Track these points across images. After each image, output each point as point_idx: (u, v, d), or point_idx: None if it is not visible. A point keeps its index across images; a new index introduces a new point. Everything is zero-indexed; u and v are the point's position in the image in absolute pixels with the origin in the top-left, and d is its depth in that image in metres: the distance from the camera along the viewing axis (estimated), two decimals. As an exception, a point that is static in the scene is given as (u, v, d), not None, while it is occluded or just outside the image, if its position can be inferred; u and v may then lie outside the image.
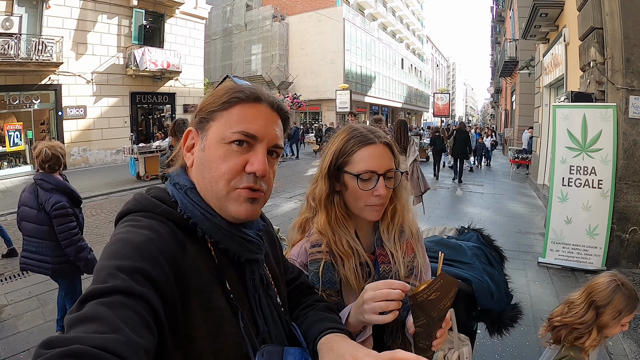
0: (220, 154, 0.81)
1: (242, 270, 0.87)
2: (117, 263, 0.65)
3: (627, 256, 5.20)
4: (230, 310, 0.79)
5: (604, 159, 5.17)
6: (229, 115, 0.82)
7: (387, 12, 45.63)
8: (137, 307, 0.60)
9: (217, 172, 0.81)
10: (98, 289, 0.60)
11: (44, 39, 13.66)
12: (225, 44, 36.36)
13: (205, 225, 0.80)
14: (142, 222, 0.75)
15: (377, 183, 1.18)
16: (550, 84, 11.03)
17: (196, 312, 0.73)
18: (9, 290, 4.69)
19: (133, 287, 0.62)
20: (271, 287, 0.95)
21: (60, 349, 0.51)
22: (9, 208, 8.96)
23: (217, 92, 0.86)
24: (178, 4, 18.23)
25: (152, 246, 0.70)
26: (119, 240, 0.70)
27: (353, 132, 1.27)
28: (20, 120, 14.27)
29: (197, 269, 0.76)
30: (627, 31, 5.14)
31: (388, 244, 1.26)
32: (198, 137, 0.85)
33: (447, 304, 0.98)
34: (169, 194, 0.84)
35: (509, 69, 20.99)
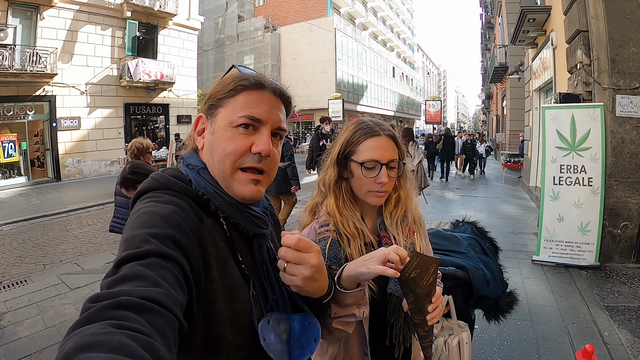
0: (228, 136, 0.88)
1: (251, 244, 0.93)
2: (148, 231, 0.69)
3: (620, 251, 5.30)
4: (242, 279, 0.86)
5: (593, 157, 5.28)
6: (236, 101, 0.89)
7: (378, 21, 46.03)
8: (171, 268, 0.65)
9: (224, 152, 0.88)
10: (133, 253, 0.65)
11: (38, 50, 13.67)
12: (218, 55, 36.48)
13: (218, 201, 0.87)
14: (163, 197, 0.81)
15: (379, 171, 1.28)
16: (539, 87, 11.20)
17: (216, 278, 0.78)
18: (9, 297, 4.69)
19: (166, 250, 0.67)
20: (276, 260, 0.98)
21: (108, 301, 0.54)
22: (4, 219, 8.95)
23: (224, 80, 0.93)
24: (171, 16, 18.32)
25: (177, 217, 0.75)
26: (145, 212, 0.75)
27: (360, 124, 1.37)
28: (14, 132, 14.20)
29: (214, 239, 0.83)
30: (611, 33, 5.29)
31: (391, 229, 1.35)
32: (207, 122, 0.93)
33: (429, 280, 1.05)
34: (183, 174, 0.89)
35: (499, 74, 21.22)
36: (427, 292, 1.08)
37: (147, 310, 0.55)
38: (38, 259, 6.29)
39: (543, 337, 3.57)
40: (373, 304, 1.28)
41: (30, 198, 11.73)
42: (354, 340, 1.31)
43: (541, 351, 3.36)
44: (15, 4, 13.51)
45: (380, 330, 1.33)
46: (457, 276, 2.17)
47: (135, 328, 0.52)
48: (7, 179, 14.07)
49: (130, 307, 0.54)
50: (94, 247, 6.78)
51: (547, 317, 3.97)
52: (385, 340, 1.33)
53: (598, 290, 4.51)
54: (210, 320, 0.77)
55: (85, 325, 0.51)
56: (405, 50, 56.49)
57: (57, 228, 8.34)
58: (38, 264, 6.00)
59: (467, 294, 2.24)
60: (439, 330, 2.14)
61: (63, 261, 6.12)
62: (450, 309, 2.11)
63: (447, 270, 2.16)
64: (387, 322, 1.32)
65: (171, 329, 0.58)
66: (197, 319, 0.74)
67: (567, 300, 4.34)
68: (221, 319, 0.78)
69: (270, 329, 0.86)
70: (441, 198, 11.35)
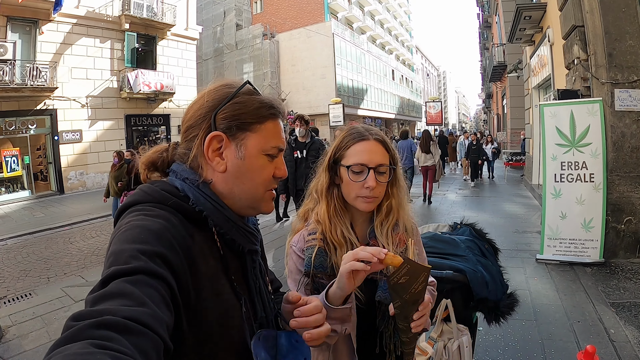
0: (260, 164, 0.91)
1: (243, 261, 0.93)
2: (137, 247, 0.68)
3: (624, 247, 5.25)
4: (234, 297, 0.86)
5: (594, 153, 5.25)
6: (266, 129, 0.91)
7: (376, 24, 46.08)
8: (158, 287, 0.64)
9: (259, 180, 0.91)
10: (121, 270, 0.63)
11: (38, 65, 13.75)
12: (217, 64, 36.59)
13: (217, 217, 0.86)
14: (155, 211, 0.79)
15: (367, 175, 1.27)
16: (538, 84, 11.18)
17: (206, 296, 0.78)
18: (13, 311, 4.70)
19: (155, 268, 0.66)
20: (266, 276, 1.04)
21: (91, 320, 0.53)
22: (8, 233, 8.98)
23: (248, 103, 0.91)
24: (169, 26, 18.41)
25: (169, 233, 0.74)
26: (136, 226, 0.74)
27: (350, 129, 1.38)
28: (16, 146, 14.30)
29: (204, 256, 0.81)
30: (607, 27, 5.27)
31: (380, 238, 1.33)
32: (230, 143, 0.89)
33: (418, 288, 1.05)
34: (178, 188, 0.87)
35: (498, 73, 21.22)
36: (414, 300, 1.09)
37: (130, 331, 0.54)
38: (42, 272, 6.30)
39: (548, 337, 3.53)
40: (361, 312, 1.27)
41: (34, 212, 11.78)
42: (342, 350, 1.30)
43: (546, 351, 3.32)
44: (14, 19, 13.62)
45: (370, 339, 1.32)
46: (455, 279, 2.14)
47: (117, 349, 0.50)
48: (10, 193, 14.14)
49: (113, 327, 0.53)
50: (97, 260, 6.78)
51: (552, 316, 3.92)
52: (375, 348, 1.32)
53: (603, 287, 4.46)
54: (201, 340, 0.76)
55: (66, 345, 0.50)
56: (404, 53, 56.52)
57: (60, 241, 8.36)
58: (42, 277, 6.01)
59: (466, 297, 2.22)
60: (439, 334, 2.12)
61: (67, 274, 6.13)
62: (449, 312, 2.09)
63: (445, 274, 2.13)
64: (376, 330, 1.31)
65: (155, 351, 0.57)
66: (188, 338, 0.73)
67: (572, 298, 4.30)
68: (213, 337, 0.78)
69: (261, 346, 0.87)
70: (444, 199, 11.31)
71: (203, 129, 0.89)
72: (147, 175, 0.96)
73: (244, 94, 0.92)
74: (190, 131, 0.92)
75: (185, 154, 0.92)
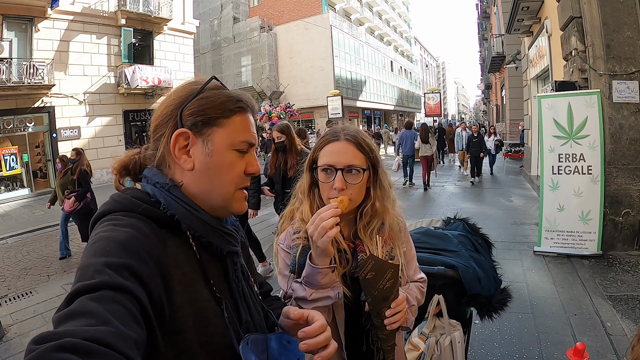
0: (229, 160, 0.88)
1: (224, 264, 0.91)
2: (102, 260, 0.66)
3: (622, 239, 5.25)
4: (214, 302, 0.83)
5: (592, 145, 5.23)
6: (234, 123, 0.88)
7: (374, 16, 45.84)
8: (125, 302, 0.61)
9: (228, 177, 0.88)
10: (85, 286, 0.61)
11: (34, 62, 13.70)
12: (215, 58, 36.47)
13: (190, 220, 0.83)
14: (124, 220, 0.77)
15: (334, 176, 1.27)
16: (537, 75, 11.14)
17: (181, 304, 0.75)
18: (15, 310, 4.73)
19: (120, 282, 0.63)
20: (250, 278, 1.00)
21: (52, 343, 0.51)
22: (9, 231, 9.01)
23: (214, 97, 0.88)
24: (165, 21, 18.31)
25: (136, 242, 0.71)
26: (102, 238, 0.71)
27: (329, 131, 1.39)
28: (15, 144, 14.29)
29: (178, 263, 0.79)
30: (605, 18, 5.22)
31: (365, 240, 1.33)
32: (197, 140, 0.87)
33: (387, 285, 1.09)
34: (149, 193, 0.84)
35: (497, 64, 21.15)
36: (384, 296, 1.12)
37: (91, 353, 0.52)
38: (42, 270, 6.34)
39: (544, 330, 3.55)
40: (349, 310, 1.29)
41: (34, 209, 11.79)
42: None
43: (542, 344, 3.33)
44: (10, 17, 13.54)
45: (357, 337, 1.33)
46: (447, 275, 2.14)
47: None
48: (10, 191, 14.15)
49: (73, 350, 0.51)
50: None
51: (549, 309, 3.93)
52: (363, 345, 1.32)
53: (601, 279, 4.47)
54: (181, 350, 0.74)
55: None
56: (402, 44, 56.27)
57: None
58: (42, 275, 6.04)
59: (459, 292, 2.22)
60: (431, 330, 2.13)
61: (67, 271, 6.16)
62: (441, 308, 2.09)
63: (436, 270, 2.13)
64: (363, 328, 1.32)
65: None
66: (167, 351, 0.71)
67: (569, 291, 4.30)
68: (192, 346, 0.76)
69: (250, 350, 0.84)
70: (442, 190, 11.31)
71: (170, 127, 0.87)
72: (119, 180, 0.92)
73: (210, 89, 0.89)
74: (157, 130, 0.89)
75: (154, 155, 0.90)
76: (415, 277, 1.49)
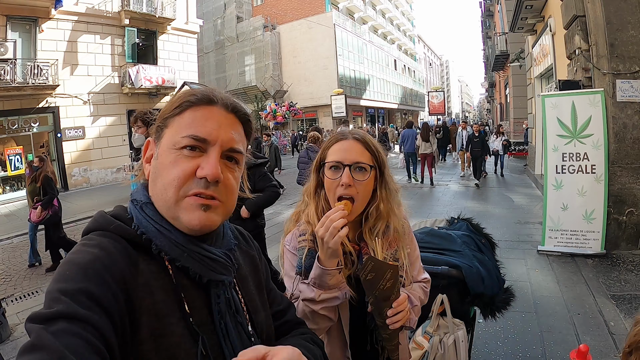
0: (170, 159, 0.77)
1: (207, 292, 0.80)
2: (60, 286, 0.62)
3: (626, 238, 5.24)
4: (189, 337, 0.72)
5: (596, 144, 5.22)
6: (181, 120, 0.79)
7: (377, 14, 45.78)
8: (82, 333, 0.57)
9: (167, 179, 0.76)
10: (42, 315, 0.59)
11: (39, 63, 13.76)
12: (219, 57, 36.55)
13: (161, 241, 0.75)
14: (94, 240, 0.72)
15: (342, 172, 1.28)
16: (540, 74, 11.11)
17: (146, 337, 0.67)
18: (21, 309, 4.78)
19: (77, 310, 0.59)
20: (241, 313, 0.86)
21: None
22: (14, 231, 9.06)
23: (172, 99, 0.83)
24: (169, 21, 18.34)
25: (98, 264, 0.66)
26: (66, 262, 0.67)
27: (337, 132, 1.41)
28: (20, 144, 14.35)
29: (149, 289, 0.71)
30: (609, 17, 5.21)
31: (370, 243, 1.35)
32: (155, 146, 0.82)
33: (386, 285, 1.11)
34: (128, 211, 0.80)
35: (501, 62, 21.09)
36: (385, 296, 1.14)
37: None
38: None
39: (548, 329, 3.55)
40: (354, 310, 1.31)
41: (39, 209, 11.84)
42: (335, 344, 1.33)
43: (546, 343, 3.34)
44: (14, 17, 13.60)
45: (361, 337, 1.35)
46: (450, 275, 2.16)
47: None
48: (15, 191, 14.22)
49: None
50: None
51: (553, 308, 3.94)
52: (367, 345, 1.34)
53: (604, 279, 4.47)
54: None
55: None
56: (406, 43, 56.15)
57: (65, 238, 8.40)
58: (49, 275, 6.06)
59: (462, 292, 2.23)
60: (435, 329, 2.14)
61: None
62: (445, 307, 2.10)
63: (440, 270, 2.15)
64: (367, 328, 1.33)
65: None
66: None
67: (572, 290, 4.31)
68: None
69: None
70: (447, 189, 11.30)
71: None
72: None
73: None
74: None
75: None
76: (419, 277, 1.51)
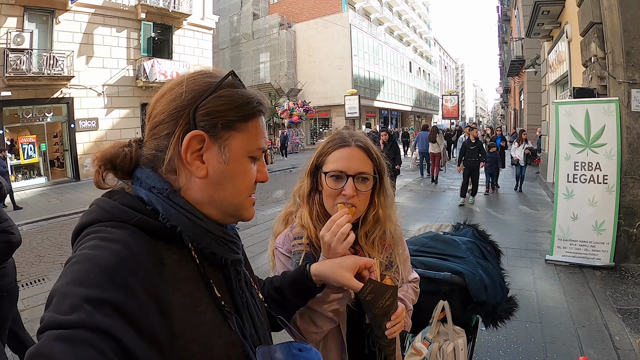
0: (244, 168, 0.80)
1: (226, 274, 0.83)
2: (82, 291, 0.57)
3: (636, 251, 5.14)
4: (222, 318, 0.75)
5: (609, 154, 5.13)
6: (250, 128, 0.80)
7: (393, 16, 45.61)
8: (100, 345, 0.53)
9: (242, 186, 0.81)
10: (58, 321, 0.54)
11: (54, 54, 13.99)
12: (234, 53, 36.68)
13: (193, 231, 0.74)
14: (113, 234, 0.66)
15: (345, 183, 1.24)
16: (555, 81, 10.97)
17: (181, 331, 0.67)
18: (27, 295, 4.82)
19: (98, 322, 0.54)
20: (253, 286, 0.95)
21: None
22: (24, 219, 9.18)
23: (234, 97, 0.78)
24: (185, 16, 18.48)
25: (124, 269, 0.61)
26: (86, 259, 0.61)
27: (334, 135, 1.34)
28: (33, 133, 14.61)
29: (177, 283, 0.70)
30: (626, 25, 5.12)
31: (366, 247, 1.32)
32: (213, 145, 0.76)
33: (386, 304, 1.11)
34: (144, 200, 0.74)
35: (516, 68, 20.85)
36: (384, 313, 1.13)
37: None
38: (56, 257, 6.46)
39: (551, 341, 3.49)
40: (353, 313, 1.29)
41: (50, 198, 12.02)
42: (332, 347, 1.31)
43: (548, 355, 3.28)
44: (31, 9, 13.83)
45: (359, 339, 1.33)
46: (453, 281, 2.12)
47: None
48: (27, 179, 14.46)
49: None
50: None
51: (557, 319, 3.88)
52: (365, 348, 1.32)
53: (611, 292, 4.39)
54: None
55: None
56: (421, 45, 55.90)
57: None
58: (56, 263, 6.16)
59: (465, 299, 2.20)
60: (435, 335, 2.11)
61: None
62: (446, 314, 2.08)
63: (442, 276, 2.12)
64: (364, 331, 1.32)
65: None
66: None
67: (579, 302, 4.24)
68: None
69: None
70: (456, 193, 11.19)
71: (181, 125, 0.74)
72: (101, 175, 0.79)
73: (228, 86, 0.79)
74: (161, 128, 0.77)
75: (154, 156, 0.77)
76: (409, 277, 1.50)
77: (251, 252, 5.97)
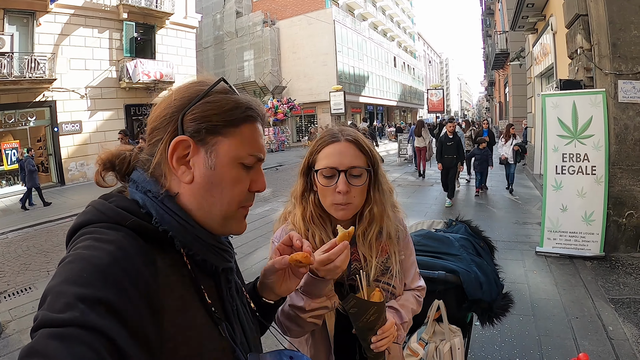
0: (233, 175, 0.78)
1: (217, 281, 0.83)
2: (77, 290, 0.57)
3: (625, 241, 5.20)
4: (212, 324, 0.76)
5: (596, 145, 5.17)
6: (241, 134, 0.79)
7: (377, 11, 45.59)
8: (94, 343, 0.53)
9: (231, 194, 0.79)
10: (52, 319, 0.54)
11: (36, 57, 13.70)
12: (218, 52, 36.36)
13: (185, 237, 0.75)
14: (107, 235, 0.67)
15: (337, 179, 1.21)
16: (541, 73, 11.07)
17: (172, 334, 0.68)
18: (13, 306, 4.72)
19: (92, 321, 0.55)
20: (244, 293, 0.95)
21: None
22: (9, 226, 8.99)
23: (221, 102, 0.78)
24: (168, 15, 18.26)
25: (118, 269, 0.62)
26: (80, 258, 0.62)
27: (325, 132, 1.32)
28: (16, 138, 14.31)
29: (169, 286, 0.71)
30: (612, 16, 5.15)
31: (362, 248, 1.30)
32: (199, 149, 0.77)
33: (370, 319, 1.11)
34: (139, 203, 0.76)
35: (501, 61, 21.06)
36: (368, 327, 1.14)
37: None
38: (42, 265, 6.31)
39: (545, 333, 3.51)
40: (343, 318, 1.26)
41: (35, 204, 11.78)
42: (319, 349, 1.30)
43: (543, 348, 3.29)
44: (11, 11, 13.53)
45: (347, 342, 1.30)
46: (447, 280, 2.10)
47: None
48: (11, 185, 14.20)
49: None
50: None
51: (550, 311, 3.90)
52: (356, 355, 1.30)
53: (603, 282, 4.42)
54: None
55: None
56: (405, 40, 56.00)
57: (61, 233, 8.35)
58: (42, 271, 6.02)
59: (459, 298, 2.18)
60: (430, 335, 2.09)
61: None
62: (441, 313, 2.05)
63: (437, 275, 2.09)
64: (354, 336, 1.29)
65: None
66: None
67: (571, 293, 4.26)
68: None
69: None
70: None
71: (169, 132, 0.76)
72: (101, 174, 0.82)
73: (218, 92, 0.79)
74: (154, 134, 0.79)
75: (148, 160, 0.79)
76: (413, 284, 1.46)
77: (240, 252, 5.92)
